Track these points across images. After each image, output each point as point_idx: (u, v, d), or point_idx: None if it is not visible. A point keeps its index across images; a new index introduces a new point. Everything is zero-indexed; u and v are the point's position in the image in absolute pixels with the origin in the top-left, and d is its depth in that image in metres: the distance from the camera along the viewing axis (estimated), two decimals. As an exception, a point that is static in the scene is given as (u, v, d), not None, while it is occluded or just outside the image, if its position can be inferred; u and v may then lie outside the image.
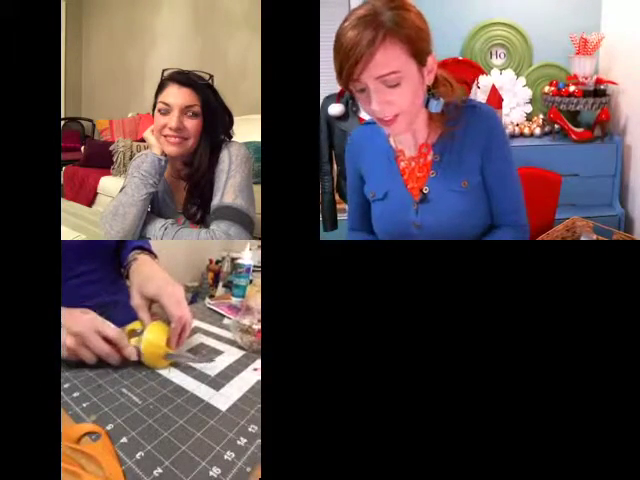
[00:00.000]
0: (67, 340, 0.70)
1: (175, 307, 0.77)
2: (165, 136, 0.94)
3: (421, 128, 0.88)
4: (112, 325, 0.74)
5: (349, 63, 0.73)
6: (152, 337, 0.74)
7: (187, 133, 0.94)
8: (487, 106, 0.93)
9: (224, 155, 0.98)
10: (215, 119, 0.98)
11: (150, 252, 0.97)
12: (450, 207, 0.88)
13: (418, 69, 0.77)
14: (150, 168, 0.95)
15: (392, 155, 0.92)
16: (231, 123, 1.03)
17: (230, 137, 1.03)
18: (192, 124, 0.95)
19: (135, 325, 0.80)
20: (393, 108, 0.78)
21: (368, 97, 0.77)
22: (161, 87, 0.96)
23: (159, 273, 0.86)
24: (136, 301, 0.80)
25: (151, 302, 0.80)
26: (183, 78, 0.95)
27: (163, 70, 0.97)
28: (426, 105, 0.83)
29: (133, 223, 0.94)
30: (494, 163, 0.87)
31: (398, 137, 0.91)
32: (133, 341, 0.76)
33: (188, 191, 0.99)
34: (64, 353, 0.71)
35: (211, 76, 1.00)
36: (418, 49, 0.76)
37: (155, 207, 1.01)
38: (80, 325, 0.71)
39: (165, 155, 0.96)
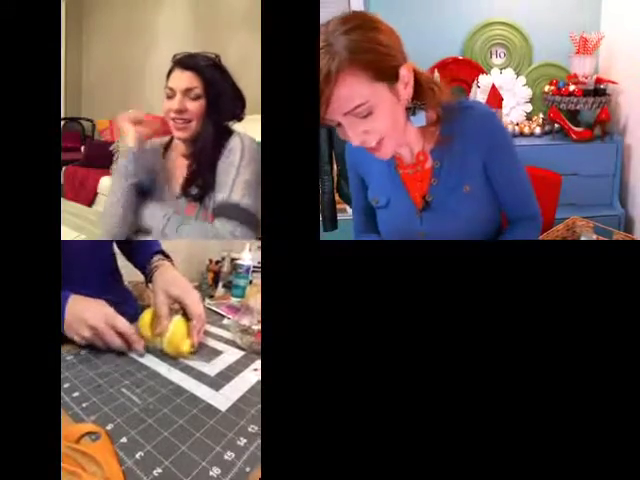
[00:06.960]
0: (84, 332, 0.79)
1: (197, 307, 0.89)
2: (172, 120, 0.94)
3: (414, 139, 0.85)
4: (124, 320, 0.82)
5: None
6: (177, 329, 0.84)
7: (190, 115, 0.94)
8: (483, 105, 0.91)
9: (236, 147, 0.95)
10: (220, 100, 0.96)
11: (169, 258, 1.03)
12: (455, 214, 0.86)
13: (389, 89, 0.71)
14: (123, 159, 0.94)
15: (392, 162, 0.90)
16: (242, 103, 1.01)
17: (241, 119, 1.01)
18: (194, 106, 0.94)
19: (145, 316, 0.88)
20: (372, 136, 0.74)
21: (344, 131, 0.74)
22: (169, 72, 0.97)
23: (181, 278, 0.96)
24: (161, 299, 0.88)
25: (173, 302, 0.89)
26: (186, 61, 0.96)
27: (174, 55, 0.98)
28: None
29: (124, 219, 0.95)
30: (499, 161, 0.85)
31: None
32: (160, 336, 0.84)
33: (190, 171, 0.98)
34: (80, 340, 0.80)
35: (217, 55, 0.99)
36: (383, 70, 0.70)
37: (154, 190, 1.00)
38: (96, 320, 0.80)
39: (139, 141, 0.95)
